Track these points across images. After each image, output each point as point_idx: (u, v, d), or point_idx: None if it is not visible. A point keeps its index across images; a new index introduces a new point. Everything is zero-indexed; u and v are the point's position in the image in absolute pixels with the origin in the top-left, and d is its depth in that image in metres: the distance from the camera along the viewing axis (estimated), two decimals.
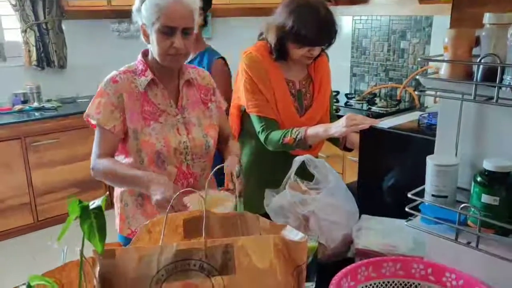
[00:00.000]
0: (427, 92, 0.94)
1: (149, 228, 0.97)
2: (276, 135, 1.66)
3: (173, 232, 1.01)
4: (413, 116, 1.67)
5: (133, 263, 0.83)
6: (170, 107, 1.46)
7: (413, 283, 0.99)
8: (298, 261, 0.87)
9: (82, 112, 1.52)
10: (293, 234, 0.91)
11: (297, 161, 1.27)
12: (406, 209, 0.91)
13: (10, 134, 3.22)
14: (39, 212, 3.49)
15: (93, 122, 1.43)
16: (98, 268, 0.81)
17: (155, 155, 1.42)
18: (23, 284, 0.55)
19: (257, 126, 1.70)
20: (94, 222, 0.50)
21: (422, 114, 1.52)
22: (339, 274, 0.95)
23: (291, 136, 1.63)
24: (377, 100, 3.29)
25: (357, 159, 1.59)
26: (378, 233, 1.23)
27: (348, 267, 0.98)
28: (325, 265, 1.15)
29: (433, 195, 0.91)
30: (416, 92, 2.96)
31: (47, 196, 3.49)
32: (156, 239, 0.97)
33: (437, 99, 1.18)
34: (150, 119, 1.42)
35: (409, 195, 0.91)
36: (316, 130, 1.62)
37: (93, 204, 0.51)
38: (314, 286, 1.12)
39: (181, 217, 1.01)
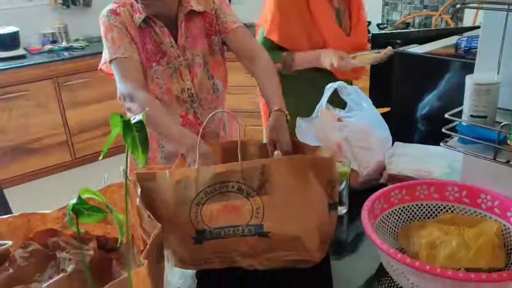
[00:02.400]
0: (470, 4, 0.89)
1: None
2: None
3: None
4: (450, 41, 1.60)
5: (171, 186, 0.86)
6: (171, 47, 1.29)
7: (447, 206, 1.00)
8: (330, 177, 0.89)
9: None
10: (324, 152, 0.93)
11: (329, 88, 1.25)
12: (443, 130, 0.90)
13: (43, 74, 3.27)
14: (76, 150, 3.61)
15: (117, 56, 1.24)
16: (139, 190, 0.85)
17: None
18: (71, 202, 0.57)
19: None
20: (137, 135, 0.51)
21: (460, 38, 1.45)
22: (372, 196, 0.96)
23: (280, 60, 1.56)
24: (411, 29, 3.16)
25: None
26: (411, 159, 1.22)
27: (381, 190, 0.99)
28: (357, 191, 1.17)
29: (471, 116, 0.89)
30: (458, 6, 2.77)
31: (82, 135, 3.60)
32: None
33: (477, 18, 1.11)
34: (152, 60, 1.28)
35: (446, 115, 0.89)
36: (309, 58, 1.56)
37: (135, 119, 0.52)
38: (346, 210, 1.14)
39: (220, 146, 1.03)
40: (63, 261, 0.76)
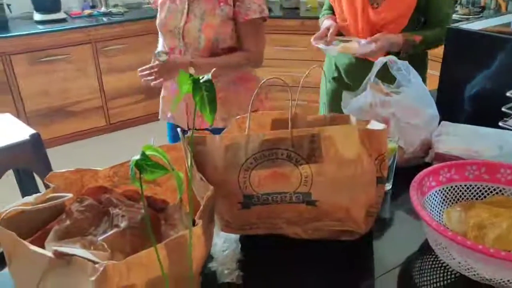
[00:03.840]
0: None
1: (240, 123, 0.99)
2: None
3: (261, 130, 1.03)
4: (504, 19, 1.53)
5: (221, 151, 0.87)
6: None
7: (497, 188, 0.97)
8: (380, 150, 0.88)
9: (147, 18, 1.60)
10: (375, 125, 0.91)
11: (379, 62, 1.22)
12: (503, 109, 0.87)
13: (82, 39, 3.32)
14: (111, 115, 3.68)
15: None
16: (190, 154, 0.85)
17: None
18: (134, 158, 0.58)
19: None
20: (205, 94, 0.51)
21: None
22: (421, 173, 0.95)
23: None
24: (458, 7, 3.03)
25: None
26: (459, 139, 1.19)
27: (431, 167, 0.97)
28: (402, 168, 1.15)
29: None
30: None
31: (117, 101, 3.66)
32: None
33: None
34: None
35: (508, 94, 0.86)
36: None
37: (203, 78, 0.52)
38: (390, 187, 1.13)
39: (270, 117, 1.02)
40: (116, 217, 0.79)
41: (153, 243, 0.58)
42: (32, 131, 1.91)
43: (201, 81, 0.51)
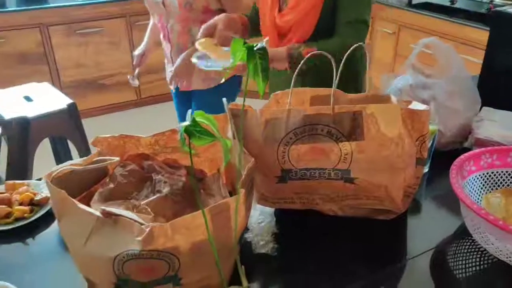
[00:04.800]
0: None
1: (278, 99, 0.99)
2: None
3: (300, 106, 1.02)
4: None
5: (261, 125, 0.87)
6: None
7: None
8: (422, 130, 0.87)
9: None
10: (417, 106, 0.90)
11: (420, 44, 1.19)
12: None
13: (117, 12, 3.35)
14: (142, 90, 3.73)
15: None
16: (232, 125, 0.86)
17: None
18: (183, 124, 0.59)
19: None
20: (259, 62, 0.51)
21: None
22: (462, 157, 0.93)
23: None
24: None
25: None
26: (501, 124, 1.17)
27: (472, 152, 0.95)
28: (440, 152, 1.14)
29: None
30: None
31: (147, 76, 3.69)
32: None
33: None
34: None
35: None
36: None
37: (257, 45, 0.52)
38: (427, 170, 1.11)
39: (309, 93, 1.02)
40: (159, 183, 0.81)
41: (200, 206, 0.59)
42: (69, 100, 1.96)
43: (255, 48, 0.52)
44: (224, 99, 0.83)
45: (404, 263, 0.88)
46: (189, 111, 0.99)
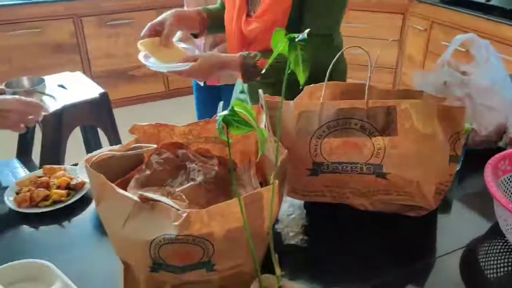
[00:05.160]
0: None
1: (311, 92, 1.00)
2: None
3: (331, 99, 1.02)
4: None
5: (294, 117, 0.88)
6: None
7: None
8: (456, 128, 0.86)
9: None
10: (453, 103, 0.89)
11: (457, 40, 1.17)
12: None
13: (147, 5, 3.40)
14: (170, 82, 3.78)
15: None
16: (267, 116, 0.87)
17: None
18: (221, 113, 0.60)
19: None
20: (300, 53, 0.52)
21: None
22: (497, 156, 0.92)
23: None
24: None
25: None
26: None
27: (508, 151, 0.94)
28: (473, 150, 1.12)
29: None
30: None
31: None
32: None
33: None
34: None
35: None
36: None
37: (299, 37, 0.52)
38: (459, 168, 1.10)
39: (341, 87, 1.02)
40: (193, 171, 0.82)
41: (237, 195, 0.60)
42: (101, 89, 2.01)
43: (296, 40, 0.52)
44: (260, 90, 0.84)
45: (433, 261, 0.87)
46: (221, 103, 1.00)
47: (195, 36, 1.44)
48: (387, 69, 3.43)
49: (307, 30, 0.55)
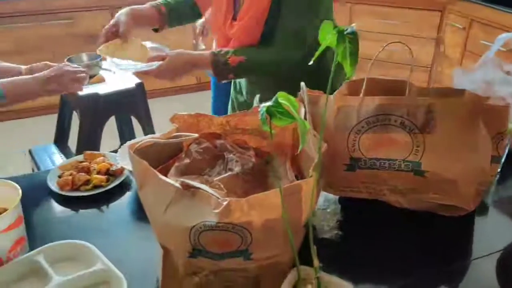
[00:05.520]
0: None
1: (350, 86, 0.99)
2: None
3: (370, 95, 1.01)
4: None
5: (333, 112, 0.88)
6: None
7: None
8: (500, 127, 0.84)
9: None
10: (496, 101, 0.87)
11: (501, 38, 1.14)
12: None
13: None
14: (201, 75, 3.81)
15: None
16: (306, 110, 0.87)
17: None
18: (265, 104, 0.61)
19: None
20: (348, 46, 0.52)
21: None
22: None
23: None
24: None
25: None
26: None
27: None
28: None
29: None
30: None
31: None
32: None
33: None
34: None
35: None
36: None
37: (348, 29, 0.52)
38: (499, 170, 1.08)
39: (379, 83, 1.00)
40: (231, 161, 0.83)
41: (279, 184, 0.61)
42: (137, 80, 2.05)
43: (345, 32, 0.52)
44: (302, 83, 0.84)
45: (468, 263, 0.86)
46: (257, 96, 1.01)
47: (156, 30, 1.45)
48: (421, 68, 3.36)
49: (354, 24, 0.54)
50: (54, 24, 3.25)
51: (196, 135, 0.81)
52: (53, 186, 1.02)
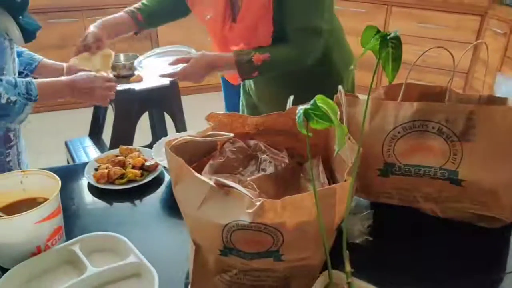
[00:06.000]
0: None
1: (386, 91, 0.98)
2: None
3: (407, 100, 1.00)
4: None
5: (368, 115, 0.87)
6: None
7: None
8: None
9: None
10: None
11: None
12: None
13: None
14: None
15: None
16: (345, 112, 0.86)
17: None
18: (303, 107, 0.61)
19: None
20: (391, 51, 0.52)
21: None
22: None
23: None
24: None
25: None
26: None
27: None
28: None
29: None
30: None
31: None
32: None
33: None
34: None
35: None
36: None
37: (391, 34, 0.52)
38: None
39: (417, 88, 0.99)
40: (264, 162, 0.84)
41: (314, 188, 0.61)
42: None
43: (388, 37, 0.52)
44: (339, 87, 0.84)
45: (501, 277, 0.84)
46: (291, 97, 1.01)
47: (136, 34, 1.48)
48: (457, 73, 3.29)
49: (398, 29, 0.54)
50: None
51: (232, 134, 0.82)
52: (90, 178, 1.05)
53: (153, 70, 1.34)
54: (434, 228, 0.91)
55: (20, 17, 1.12)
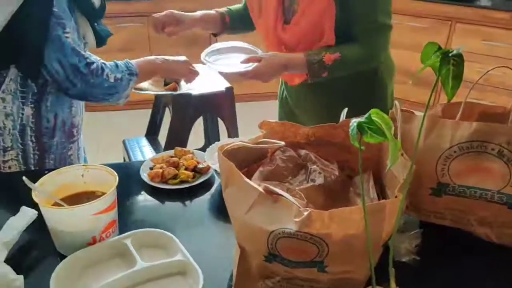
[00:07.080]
0: None
1: (444, 109, 0.95)
2: None
3: (466, 120, 0.97)
4: None
5: (424, 132, 0.85)
6: None
7: None
8: None
9: None
10: None
11: None
12: None
13: None
14: None
15: None
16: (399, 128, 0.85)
17: None
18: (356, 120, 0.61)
19: None
20: (451, 69, 0.51)
21: None
22: None
23: None
24: None
25: None
26: None
27: None
28: None
29: None
30: None
31: None
32: None
33: None
34: None
35: None
36: None
37: (453, 51, 0.51)
38: None
39: (477, 107, 0.96)
40: (314, 172, 0.84)
41: (363, 203, 0.61)
42: (227, 84, 2.12)
43: (450, 54, 0.51)
44: (396, 102, 0.83)
45: None
46: (345, 109, 1.00)
47: (215, 35, 1.54)
48: (507, 91, 3.12)
49: (461, 46, 0.53)
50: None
51: (283, 143, 0.83)
52: (145, 176, 1.10)
53: (222, 66, 1.40)
54: (487, 253, 0.87)
55: (95, 24, 1.21)
